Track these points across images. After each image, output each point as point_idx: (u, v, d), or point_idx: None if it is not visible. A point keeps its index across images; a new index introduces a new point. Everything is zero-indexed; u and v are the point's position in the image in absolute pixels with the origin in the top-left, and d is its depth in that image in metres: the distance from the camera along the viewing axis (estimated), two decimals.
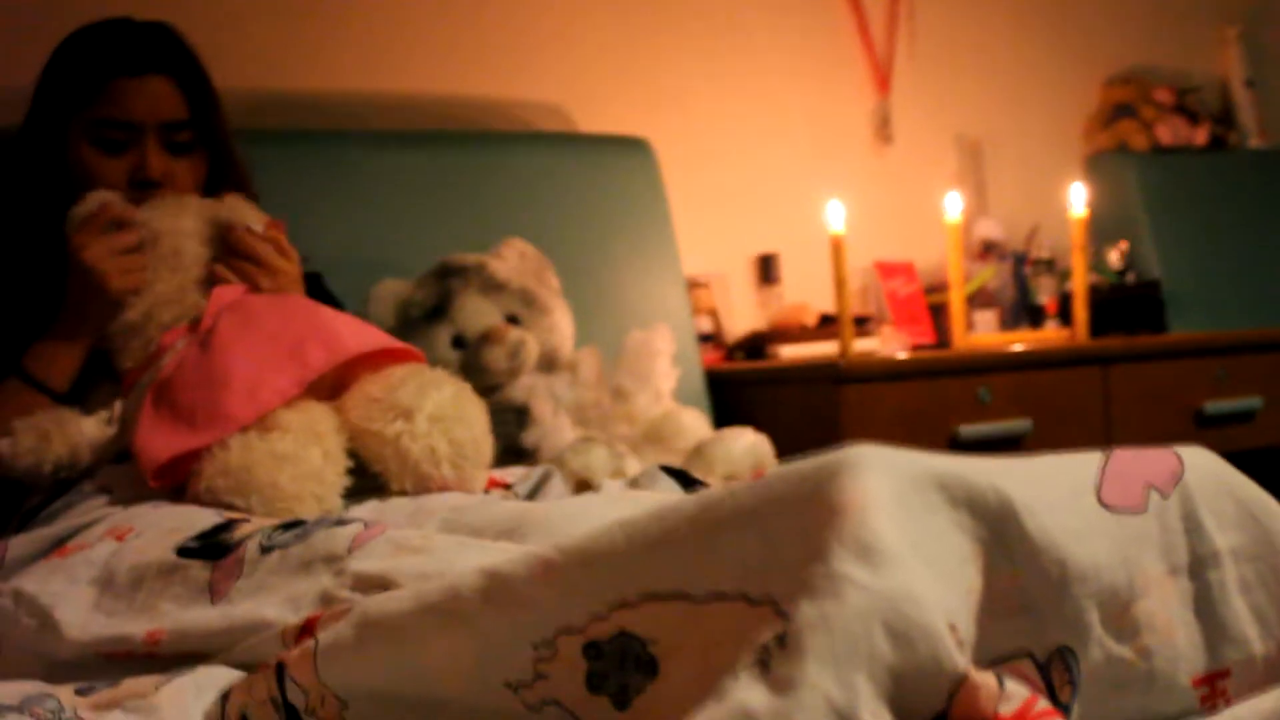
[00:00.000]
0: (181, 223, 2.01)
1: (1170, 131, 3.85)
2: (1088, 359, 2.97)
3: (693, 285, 3.22)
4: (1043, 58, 3.88)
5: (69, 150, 2.08)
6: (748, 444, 2.47)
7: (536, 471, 2.03)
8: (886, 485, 0.96)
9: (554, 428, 2.46)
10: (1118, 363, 3.00)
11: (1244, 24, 4.15)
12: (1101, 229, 3.73)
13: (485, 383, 2.48)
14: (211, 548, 1.49)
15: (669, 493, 1.79)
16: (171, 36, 2.16)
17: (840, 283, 2.78)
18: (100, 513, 1.73)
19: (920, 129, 3.65)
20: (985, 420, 2.82)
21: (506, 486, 1.99)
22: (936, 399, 2.78)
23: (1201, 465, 1.11)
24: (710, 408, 2.95)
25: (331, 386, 1.87)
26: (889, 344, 3.27)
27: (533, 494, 1.97)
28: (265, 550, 1.43)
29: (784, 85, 3.48)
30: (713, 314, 3.28)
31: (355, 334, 1.91)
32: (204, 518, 1.60)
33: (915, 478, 0.99)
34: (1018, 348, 2.90)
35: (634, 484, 1.95)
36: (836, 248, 2.78)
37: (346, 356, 1.86)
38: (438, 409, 1.81)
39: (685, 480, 1.92)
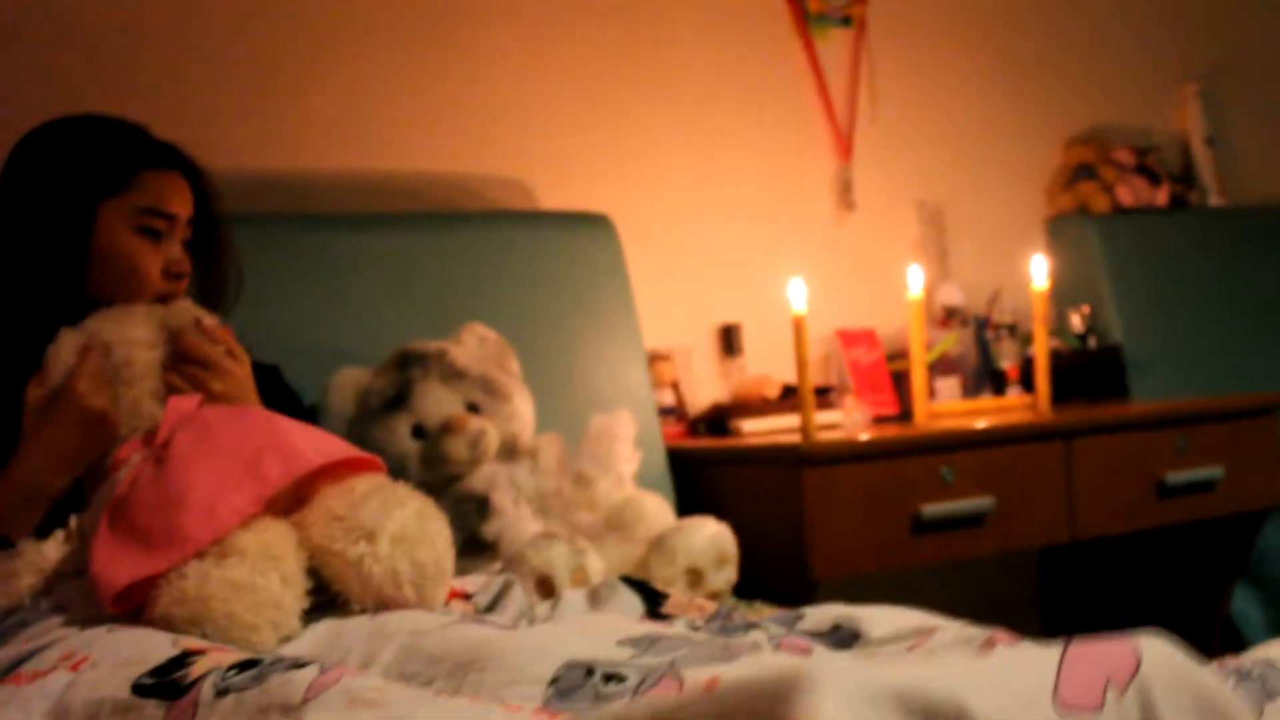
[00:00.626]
0: (130, 331, 2.00)
1: (1131, 192, 3.86)
2: (1050, 434, 2.97)
3: (655, 358, 3.21)
4: (1003, 119, 3.89)
5: (99, 235, 2.09)
6: (709, 535, 2.47)
7: (496, 581, 2.01)
8: (843, 708, 0.95)
9: (515, 519, 2.45)
10: (1080, 436, 3.00)
11: (1203, 82, 4.17)
12: (1063, 292, 3.75)
13: (446, 473, 2.47)
14: (167, 687, 1.47)
15: (626, 617, 1.77)
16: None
17: (802, 363, 2.77)
18: (55, 634, 1.71)
19: (882, 195, 3.66)
20: (948, 499, 2.81)
21: (467, 597, 1.97)
22: (899, 478, 2.78)
23: (1159, 658, 1.11)
24: (673, 487, 2.94)
25: (291, 498, 1.85)
26: (851, 415, 3.27)
27: (492, 605, 1.96)
28: (220, 693, 1.42)
29: (746, 154, 3.48)
30: (675, 386, 3.27)
31: (314, 445, 1.89)
32: (159, 647, 1.58)
33: (873, 696, 0.98)
34: (980, 424, 2.90)
35: (594, 595, 1.93)
36: (798, 328, 2.78)
37: (305, 470, 1.84)
38: (400, 529, 1.79)
39: (646, 593, 1.90)
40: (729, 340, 3.41)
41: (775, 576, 2.69)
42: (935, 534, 2.80)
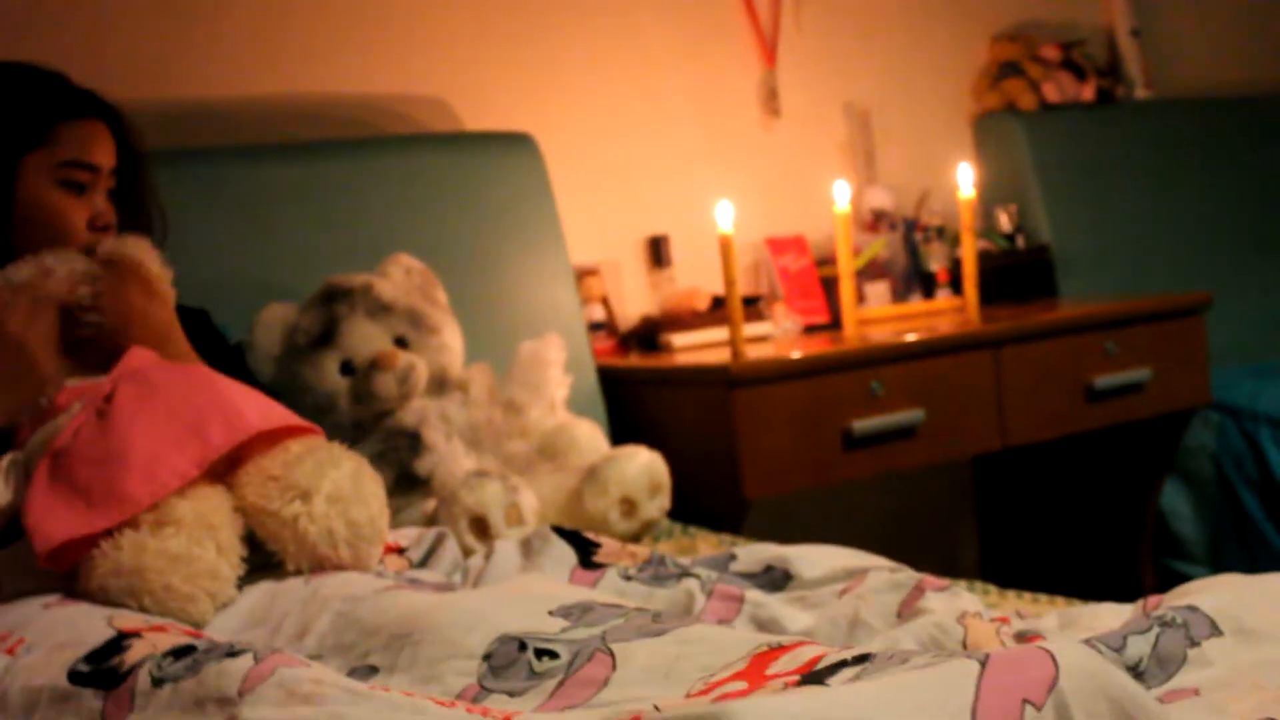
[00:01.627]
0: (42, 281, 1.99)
1: (1057, 89, 3.85)
2: (978, 344, 2.98)
3: (583, 273, 3.19)
4: (930, 17, 3.85)
5: (21, 190, 2.06)
6: (641, 464, 2.47)
7: (429, 535, 2.02)
8: None
9: (447, 454, 2.44)
10: (1008, 344, 3.01)
11: None
12: (991, 191, 3.75)
13: (376, 409, 2.46)
14: (103, 675, 1.46)
15: (557, 580, 1.77)
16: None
17: (730, 283, 2.76)
18: None
19: (808, 100, 3.63)
20: (879, 413, 2.83)
21: (400, 550, 1.97)
22: (829, 395, 2.79)
23: (1076, 665, 1.11)
24: (605, 409, 2.94)
25: (228, 460, 1.84)
26: (781, 325, 3.27)
27: (425, 558, 1.96)
28: (157, 683, 1.41)
29: (669, 64, 3.44)
30: (604, 301, 3.26)
31: (257, 409, 1.87)
32: (95, 629, 1.56)
33: None
34: (909, 337, 2.90)
35: (526, 546, 1.93)
36: (725, 249, 2.76)
37: (248, 435, 1.82)
38: (335, 489, 1.79)
39: (578, 542, 1.90)
40: (657, 252, 3.39)
41: (709, 498, 2.71)
42: (867, 448, 2.82)
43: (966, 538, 3.89)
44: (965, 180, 3.06)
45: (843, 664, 1.18)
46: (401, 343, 2.49)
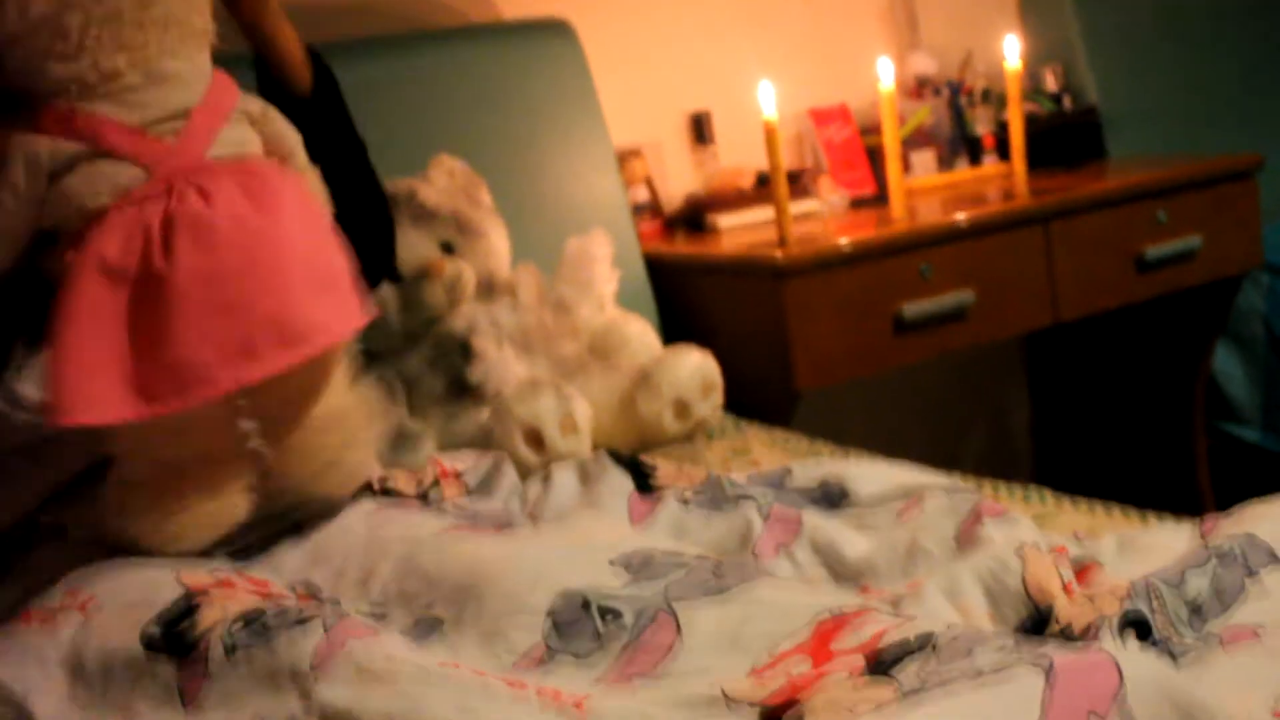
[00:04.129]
0: None
1: None
2: (1027, 220, 2.94)
3: (626, 155, 3.17)
4: None
5: None
6: (693, 366, 2.48)
7: (485, 461, 2.02)
8: None
9: (498, 361, 2.45)
10: (1057, 219, 2.98)
11: None
12: (1036, 50, 3.68)
13: (424, 317, 2.46)
14: (175, 641, 1.48)
15: (615, 521, 1.78)
16: None
17: (775, 169, 2.73)
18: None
19: None
20: (928, 295, 2.81)
21: (457, 475, 1.99)
22: (878, 280, 2.77)
23: (1140, 674, 1.12)
24: (653, 299, 2.93)
25: None
26: (827, 200, 3.25)
27: (483, 484, 1.98)
28: (229, 651, 1.43)
29: None
30: (648, 182, 3.24)
31: (319, 308, 1.62)
32: (164, 584, 1.58)
33: None
34: (959, 217, 2.87)
35: (584, 473, 1.94)
36: (770, 134, 2.73)
37: (300, 359, 1.61)
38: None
39: (635, 469, 1.92)
40: (699, 129, 3.36)
41: (760, 389, 2.71)
42: (918, 332, 2.81)
43: (1019, 412, 3.89)
44: (1011, 51, 3.01)
45: (907, 651, 1.19)
46: (448, 248, 2.48)
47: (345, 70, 2.76)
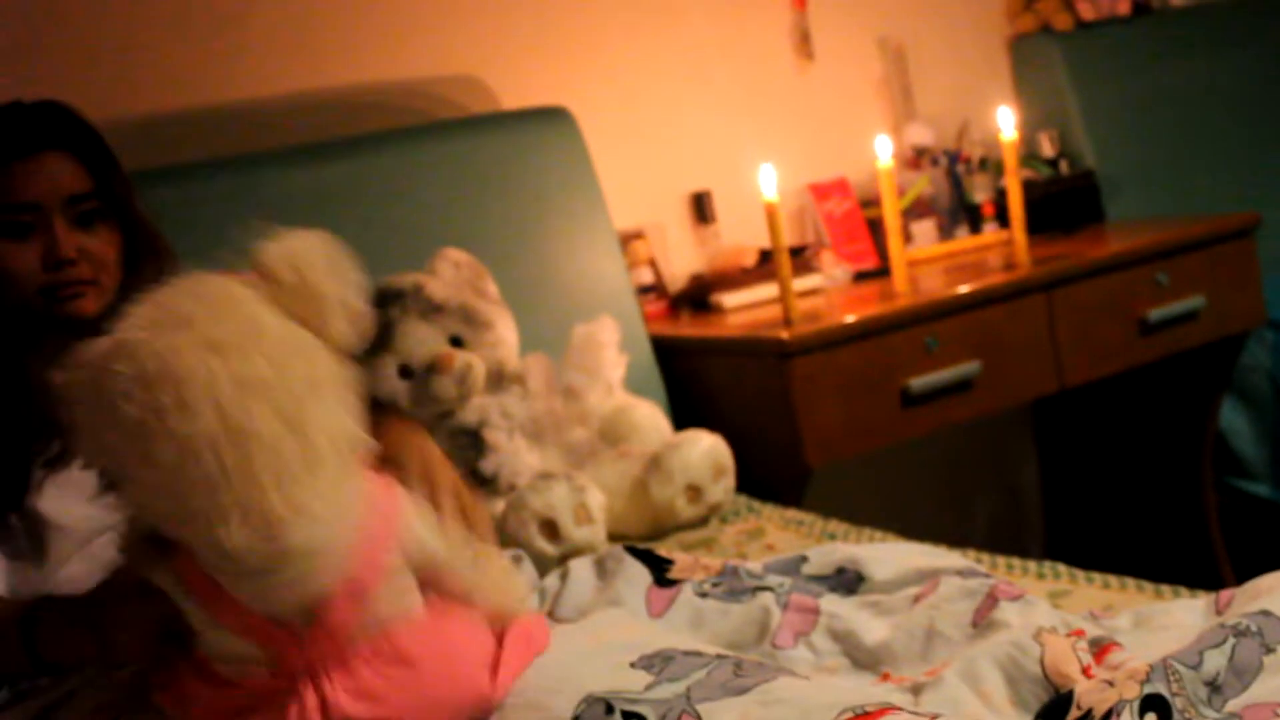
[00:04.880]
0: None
1: (1092, 5, 3.80)
2: (1030, 289, 2.97)
3: (629, 237, 3.20)
4: None
5: None
6: (704, 450, 2.49)
7: (505, 557, 2.03)
8: None
9: (510, 452, 2.47)
10: (1059, 286, 3.00)
11: None
12: (1032, 115, 3.72)
13: (436, 410, 2.48)
14: None
15: (633, 618, 1.79)
16: (60, 110, 1.98)
17: (778, 249, 2.76)
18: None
19: (841, 39, 3.60)
20: (935, 369, 2.83)
21: None
22: (884, 355, 2.79)
23: None
24: (661, 380, 2.95)
25: None
26: (830, 274, 3.27)
27: None
28: None
29: (699, 18, 3.41)
30: (652, 264, 3.26)
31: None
32: None
33: None
34: (962, 289, 2.89)
35: (601, 567, 1.95)
36: (771, 215, 2.76)
37: None
38: None
39: (651, 561, 1.92)
40: (701, 208, 3.39)
41: (770, 467, 2.73)
42: (925, 405, 2.83)
43: (1029, 476, 3.90)
44: (1006, 123, 3.04)
45: None
46: (457, 341, 2.50)
47: (351, 165, 2.83)
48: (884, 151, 2.99)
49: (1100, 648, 1.61)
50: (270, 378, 1.34)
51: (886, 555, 1.93)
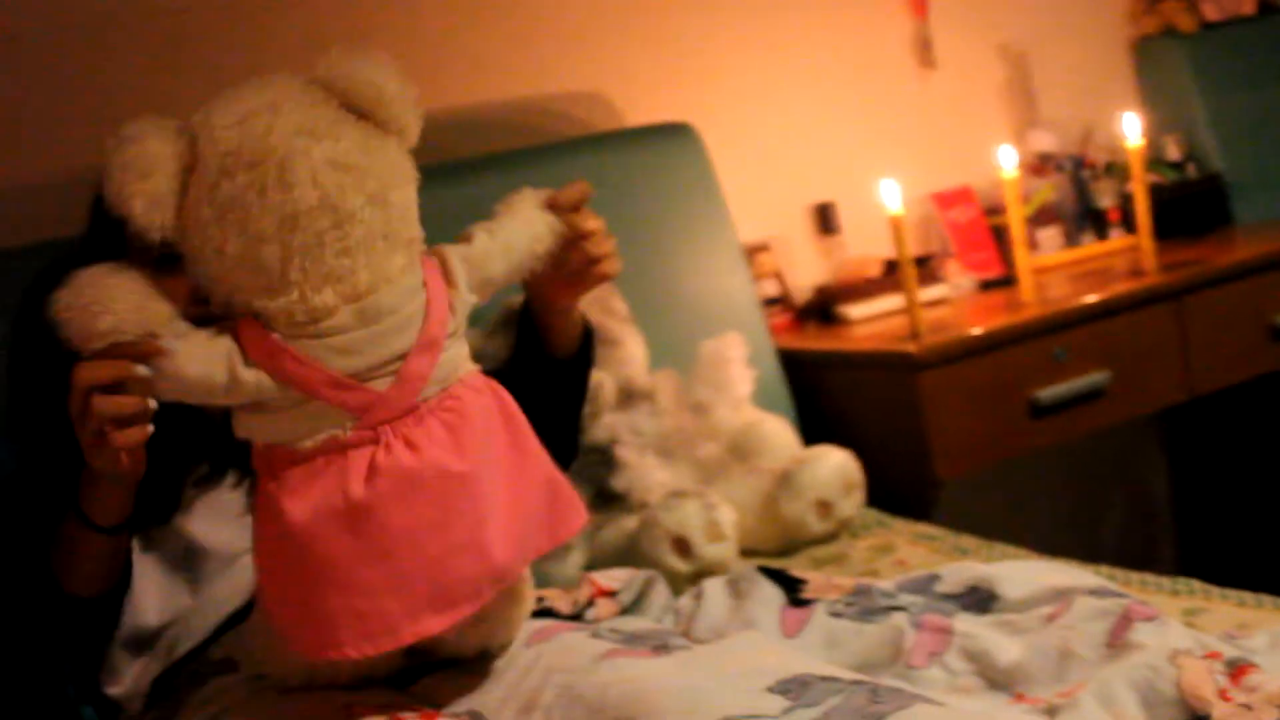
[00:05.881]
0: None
1: (1216, 5, 3.76)
2: (1159, 297, 2.95)
3: (754, 250, 3.22)
4: None
5: None
6: (834, 466, 2.51)
7: (638, 578, 2.05)
8: None
9: (640, 469, 2.50)
10: (1188, 293, 2.99)
11: None
12: (1157, 118, 3.68)
13: None
14: None
15: (769, 642, 1.81)
16: None
17: (904, 262, 2.77)
18: (224, 702, 1.76)
19: (963, 47, 3.59)
20: (1063, 379, 2.83)
21: (612, 594, 2.02)
22: (1013, 366, 2.80)
23: None
24: (788, 393, 2.96)
25: None
26: (956, 284, 3.27)
27: (635, 602, 2.01)
28: None
29: (819, 28, 3.42)
30: (777, 276, 3.28)
31: (516, 548, 1.60)
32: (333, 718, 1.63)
33: None
34: (1090, 299, 2.88)
35: (734, 587, 1.98)
36: (896, 230, 2.77)
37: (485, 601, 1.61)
38: None
39: (784, 581, 1.95)
40: (825, 219, 3.40)
41: (899, 480, 2.74)
42: (1054, 415, 2.82)
43: (1159, 487, 3.86)
44: (1132, 130, 3.02)
45: None
46: None
47: (475, 185, 2.86)
48: (1008, 162, 2.99)
49: (1236, 668, 1.61)
50: (358, 160, 1.48)
51: (1019, 574, 1.94)
